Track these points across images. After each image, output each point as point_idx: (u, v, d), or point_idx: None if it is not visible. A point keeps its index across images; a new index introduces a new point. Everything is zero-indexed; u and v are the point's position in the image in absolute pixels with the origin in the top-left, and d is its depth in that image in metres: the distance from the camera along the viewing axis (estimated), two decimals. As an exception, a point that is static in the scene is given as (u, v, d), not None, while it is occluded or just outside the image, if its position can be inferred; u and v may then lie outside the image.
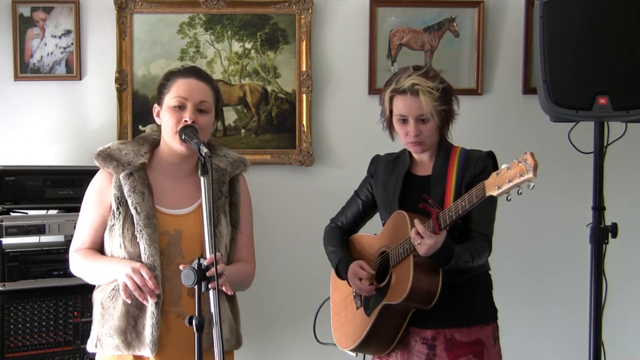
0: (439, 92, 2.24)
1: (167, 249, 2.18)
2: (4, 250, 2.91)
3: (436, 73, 2.33)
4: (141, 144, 2.28)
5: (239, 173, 2.35)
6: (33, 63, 3.45)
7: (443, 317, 2.24)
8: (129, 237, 2.16)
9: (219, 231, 2.22)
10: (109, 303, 2.19)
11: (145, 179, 2.22)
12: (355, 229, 2.59)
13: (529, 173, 1.84)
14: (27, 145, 3.45)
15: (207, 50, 3.47)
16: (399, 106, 2.29)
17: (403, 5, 3.51)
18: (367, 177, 2.54)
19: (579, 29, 2.76)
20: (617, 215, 2.98)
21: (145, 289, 2.08)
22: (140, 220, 2.16)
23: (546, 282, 3.60)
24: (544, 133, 3.39)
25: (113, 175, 2.22)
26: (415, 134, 2.26)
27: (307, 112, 3.49)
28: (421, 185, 2.31)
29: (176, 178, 2.27)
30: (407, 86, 2.25)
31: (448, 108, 2.29)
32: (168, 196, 2.24)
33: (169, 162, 2.27)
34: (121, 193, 2.19)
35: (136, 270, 2.08)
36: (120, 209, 2.18)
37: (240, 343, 2.33)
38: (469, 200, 2.00)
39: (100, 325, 2.20)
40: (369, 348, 2.41)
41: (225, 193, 2.29)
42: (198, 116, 2.18)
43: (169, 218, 2.22)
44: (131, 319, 2.15)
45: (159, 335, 2.12)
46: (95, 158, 2.24)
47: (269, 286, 3.39)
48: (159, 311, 2.13)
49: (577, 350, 3.16)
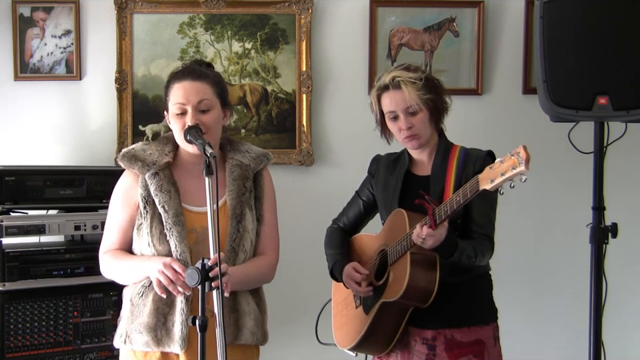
0: (421, 81, 2.26)
1: (195, 246, 2.19)
2: (4, 250, 2.91)
3: (417, 66, 2.34)
4: (164, 143, 2.29)
5: (263, 167, 2.35)
6: (33, 63, 3.45)
7: (443, 317, 2.24)
8: (157, 236, 2.18)
9: (243, 226, 2.23)
10: (138, 300, 2.20)
11: (171, 178, 2.23)
12: (356, 229, 2.60)
13: (521, 165, 1.84)
14: (26, 145, 3.45)
15: (207, 50, 3.48)
16: (386, 103, 2.30)
17: (403, 5, 3.51)
18: (367, 177, 2.55)
19: (579, 29, 2.76)
20: (617, 215, 2.98)
21: (178, 283, 2.08)
22: (168, 218, 2.17)
23: (546, 282, 3.60)
24: (544, 133, 3.39)
25: (138, 175, 2.23)
26: (406, 127, 2.27)
27: (307, 112, 3.49)
28: (421, 185, 2.30)
29: (199, 176, 2.27)
30: (388, 80, 2.28)
31: (434, 97, 2.29)
32: (193, 194, 2.25)
33: (190, 161, 2.28)
34: (147, 192, 2.21)
35: (167, 265, 2.09)
36: (147, 208, 2.20)
37: (266, 338, 2.32)
38: (463, 194, 2.01)
39: (129, 322, 2.21)
40: (368, 347, 2.41)
41: (250, 188, 2.29)
42: (200, 116, 2.18)
43: (195, 215, 2.22)
44: (161, 316, 2.16)
45: (188, 332, 2.13)
46: (120, 159, 2.25)
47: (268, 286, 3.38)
48: (189, 307, 2.14)
49: (577, 350, 3.16)
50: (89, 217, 3.01)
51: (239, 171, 2.27)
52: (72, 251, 3.01)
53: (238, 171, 2.27)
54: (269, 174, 2.40)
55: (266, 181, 2.36)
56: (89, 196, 3.07)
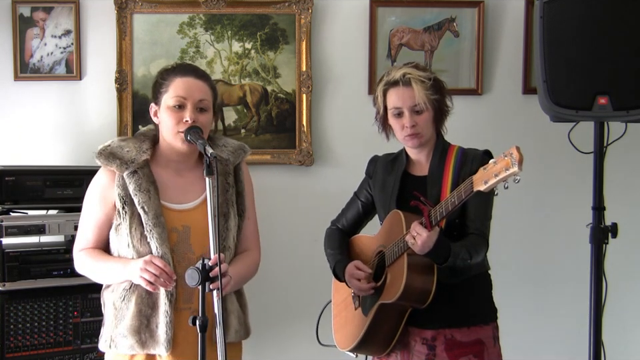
0: (430, 81, 2.28)
1: (177, 246, 2.18)
2: (4, 250, 2.91)
3: (426, 66, 2.36)
4: (142, 140, 2.27)
5: (241, 160, 2.34)
6: (33, 63, 3.45)
7: (442, 317, 2.25)
8: (137, 237, 2.16)
9: (228, 224, 2.22)
10: (120, 304, 2.19)
11: (150, 176, 2.21)
12: (355, 230, 2.60)
13: (514, 166, 1.84)
14: (27, 145, 3.45)
15: (207, 50, 3.47)
16: (393, 98, 2.31)
17: (403, 5, 3.51)
18: (365, 178, 2.55)
19: (579, 29, 2.76)
20: (617, 215, 2.98)
21: (163, 276, 2.08)
22: (149, 219, 2.15)
23: (546, 282, 3.59)
24: (544, 133, 3.39)
25: (115, 173, 2.20)
26: (410, 124, 2.27)
27: (307, 112, 3.49)
28: (418, 185, 2.31)
29: (179, 173, 2.26)
30: (399, 76, 2.29)
31: (440, 98, 2.31)
32: (172, 191, 2.24)
33: (171, 158, 2.26)
34: (125, 192, 2.18)
35: (148, 262, 2.09)
36: (126, 209, 2.17)
37: (248, 333, 2.34)
38: (457, 196, 2.02)
39: (113, 326, 2.20)
40: (367, 348, 2.41)
41: (232, 183, 2.29)
42: (198, 115, 2.18)
43: (176, 214, 2.21)
44: (144, 319, 2.15)
45: (173, 333, 2.13)
46: (97, 157, 2.22)
47: (268, 286, 3.38)
48: (172, 309, 2.13)
49: (577, 350, 3.16)
50: (89, 217, 3.01)
51: (220, 167, 2.25)
52: (72, 251, 2.99)
53: (219, 166, 2.23)
54: (247, 167, 2.38)
55: (245, 174, 2.35)
56: (88, 196, 3.06)
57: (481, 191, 1.94)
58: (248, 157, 2.41)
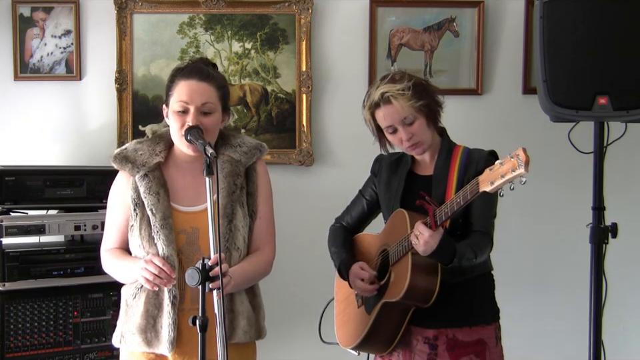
0: (410, 90, 2.25)
1: (185, 247, 2.20)
2: (4, 250, 2.90)
3: (402, 74, 2.32)
4: (156, 142, 2.29)
5: (255, 160, 2.32)
6: (33, 63, 3.45)
7: (444, 317, 2.25)
8: (146, 238, 2.18)
9: (234, 225, 2.22)
10: (132, 302, 2.23)
11: (160, 179, 2.23)
12: (359, 228, 2.60)
13: (520, 168, 1.85)
14: (27, 145, 3.45)
15: (207, 50, 3.47)
16: (381, 119, 2.31)
17: (403, 5, 3.51)
18: (370, 176, 2.55)
19: (579, 29, 2.76)
20: (617, 215, 2.98)
21: (162, 275, 2.09)
22: (156, 221, 2.17)
23: (546, 282, 3.60)
24: (544, 133, 3.39)
25: (130, 176, 2.24)
26: (407, 137, 2.27)
27: (307, 112, 3.49)
28: (423, 185, 2.31)
29: (192, 175, 2.26)
30: (378, 97, 2.28)
31: (427, 101, 2.28)
32: (184, 193, 2.25)
33: (183, 160, 2.27)
34: (137, 194, 2.22)
35: (148, 261, 2.11)
36: (137, 210, 2.21)
37: (260, 334, 2.32)
38: (463, 196, 2.01)
39: (124, 322, 2.25)
40: (370, 346, 2.41)
41: (241, 184, 2.27)
42: (202, 118, 2.16)
43: (185, 216, 2.22)
44: (150, 318, 2.18)
45: (175, 335, 2.15)
46: (112, 161, 2.26)
47: (269, 285, 3.38)
48: (175, 310, 2.15)
49: (577, 350, 3.16)
50: (89, 217, 3.01)
51: (230, 168, 2.25)
52: (72, 251, 3.01)
53: (228, 167, 2.24)
54: (264, 166, 2.36)
55: (260, 174, 2.33)
56: (88, 196, 3.06)
57: (487, 191, 1.94)
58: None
